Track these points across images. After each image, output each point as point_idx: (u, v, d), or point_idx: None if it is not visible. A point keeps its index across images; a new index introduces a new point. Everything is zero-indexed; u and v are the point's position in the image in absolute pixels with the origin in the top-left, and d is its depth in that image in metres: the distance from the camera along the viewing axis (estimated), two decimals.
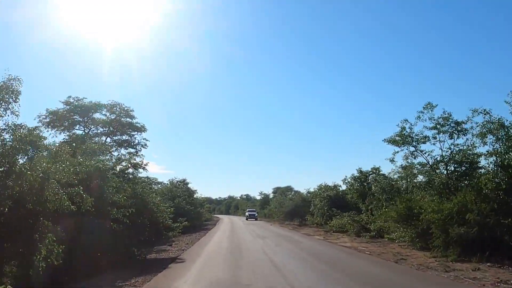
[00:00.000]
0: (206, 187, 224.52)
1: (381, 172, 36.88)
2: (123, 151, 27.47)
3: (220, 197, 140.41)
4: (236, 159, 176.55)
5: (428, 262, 13.01)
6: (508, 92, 14.59)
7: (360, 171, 37.45)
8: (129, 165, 28.04)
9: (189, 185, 47.47)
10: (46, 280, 8.58)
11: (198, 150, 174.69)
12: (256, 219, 57.99)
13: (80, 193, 10.20)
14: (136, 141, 27.36)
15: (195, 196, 47.89)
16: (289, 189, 78.56)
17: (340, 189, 40.75)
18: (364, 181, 37.56)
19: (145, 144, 27.46)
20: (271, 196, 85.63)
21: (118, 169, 26.98)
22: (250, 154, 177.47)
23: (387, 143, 19.43)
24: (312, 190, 52.75)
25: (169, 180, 45.73)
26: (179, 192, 38.20)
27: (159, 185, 42.39)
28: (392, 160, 21.62)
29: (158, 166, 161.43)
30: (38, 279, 8.32)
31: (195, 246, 19.75)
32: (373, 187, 34.44)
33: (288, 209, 50.81)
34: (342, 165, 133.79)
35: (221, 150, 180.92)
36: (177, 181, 46.29)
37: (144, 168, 28.21)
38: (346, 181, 38.64)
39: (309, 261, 13.49)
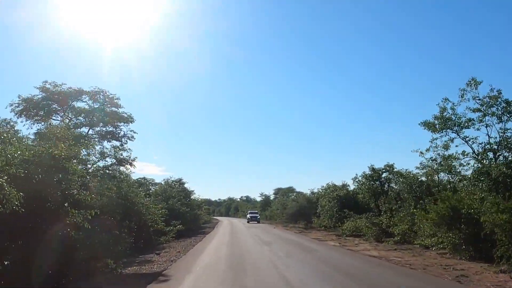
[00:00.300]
0: (205, 188, 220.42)
1: (395, 169, 33.81)
2: (106, 144, 23.83)
3: (219, 199, 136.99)
4: (236, 160, 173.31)
5: (503, 281, 9.49)
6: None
7: (373, 169, 34.12)
8: (114, 161, 24.76)
9: (185, 185, 43.85)
10: None
11: (198, 151, 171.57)
12: (258, 222, 53.87)
13: (2, 185, 6.79)
14: (122, 133, 23.70)
15: (192, 197, 44.26)
16: (291, 189, 75.11)
17: (349, 188, 37.28)
18: (377, 180, 34.29)
19: (132, 136, 23.79)
20: (272, 197, 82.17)
21: (101, 164, 23.57)
22: (250, 154, 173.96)
23: (423, 127, 15.96)
24: (316, 190, 49.45)
25: (163, 179, 42.15)
26: (174, 192, 34.62)
27: (156, 186, 39.01)
28: (422, 152, 18.42)
29: (158, 168, 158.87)
30: None
31: (188, 256, 16.19)
32: (395, 185, 31.23)
33: (292, 210, 47.29)
34: (342, 165, 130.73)
35: (221, 150, 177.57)
36: (173, 181, 42.67)
37: (131, 164, 24.88)
38: (357, 179, 35.27)
39: (338, 280, 9.92)
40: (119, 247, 14.43)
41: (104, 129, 23.99)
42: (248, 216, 57.11)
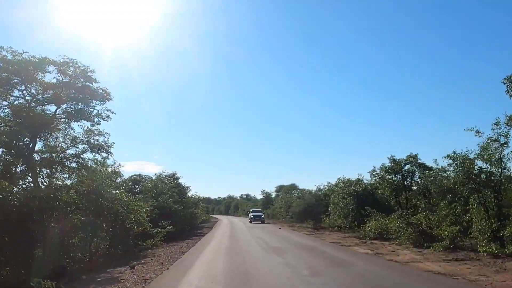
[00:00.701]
0: (206, 187, 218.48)
1: (419, 161, 29.50)
2: (75, 125, 19.21)
3: (219, 197, 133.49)
4: (236, 159, 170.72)
5: None
6: None
7: (393, 160, 29.86)
8: (87, 147, 20.68)
9: (180, 181, 39.21)
10: None
11: (198, 150, 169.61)
12: (262, 222, 48.36)
13: None
14: (95, 112, 19.03)
15: (188, 193, 39.68)
16: (293, 187, 70.66)
17: (367, 182, 32.63)
18: (399, 173, 29.91)
19: (108, 116, 19.13)
20: (273, 195, 77.76)
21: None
22: (250, 154, 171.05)
23: (506, 84, 11.27)
24: (322, 187, 44.90)
25: (155, 174, 37.60)
26: (166, 188, 30.08)
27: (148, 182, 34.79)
28: (479, 131, 13.99)
29: (157, 166, 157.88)
30: None
31: (171, 272, 11.54)
32: (419, 179, 26.82)
33: (298, 209, 42.59)
34: (342, 165, 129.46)
35: (221, 150, 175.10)
36: (165, 176, 38.05)
37: (108, 152, 20.43)
38: (375, 172, 30.75)
39: None
40: (53, 262, 9.93)
41: (73, 107, 19.38)
42: (251, 215, 51.78)
